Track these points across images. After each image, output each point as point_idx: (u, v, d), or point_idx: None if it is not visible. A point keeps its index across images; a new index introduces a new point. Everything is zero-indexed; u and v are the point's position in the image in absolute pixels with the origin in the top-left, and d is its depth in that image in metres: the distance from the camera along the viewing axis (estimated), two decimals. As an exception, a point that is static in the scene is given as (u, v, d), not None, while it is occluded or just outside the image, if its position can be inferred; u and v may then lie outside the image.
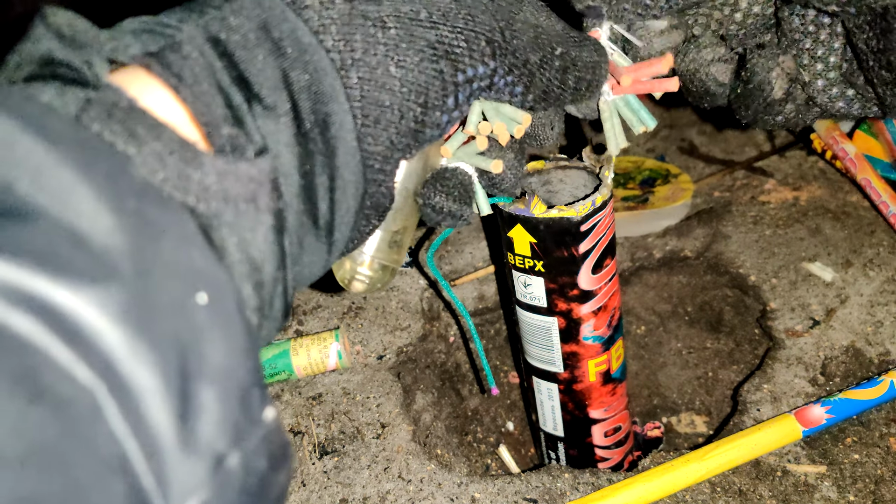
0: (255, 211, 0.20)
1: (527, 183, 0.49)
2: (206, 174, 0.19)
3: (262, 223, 0.20)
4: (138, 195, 0.17)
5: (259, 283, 0.21)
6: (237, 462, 0.17)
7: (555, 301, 0.47)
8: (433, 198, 0.30)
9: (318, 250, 0.24)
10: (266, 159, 0.21)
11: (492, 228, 0.73)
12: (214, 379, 0.17)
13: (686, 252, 0.70)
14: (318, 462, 0.53)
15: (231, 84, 0.21)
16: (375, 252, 0.30)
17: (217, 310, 0.17)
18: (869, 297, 0.61)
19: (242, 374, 0.18)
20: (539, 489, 0.50)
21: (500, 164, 0.31)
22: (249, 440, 0.18)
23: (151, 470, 0.15)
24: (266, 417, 0.18)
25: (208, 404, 0.17)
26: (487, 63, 0.26)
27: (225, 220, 0.19)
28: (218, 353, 0.17)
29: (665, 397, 0.70)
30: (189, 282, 0.17)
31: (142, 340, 0.15)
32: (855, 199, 0.72)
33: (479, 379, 0.68)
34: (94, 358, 0.15)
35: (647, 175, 0.76)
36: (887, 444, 0.50)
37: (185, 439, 0.16)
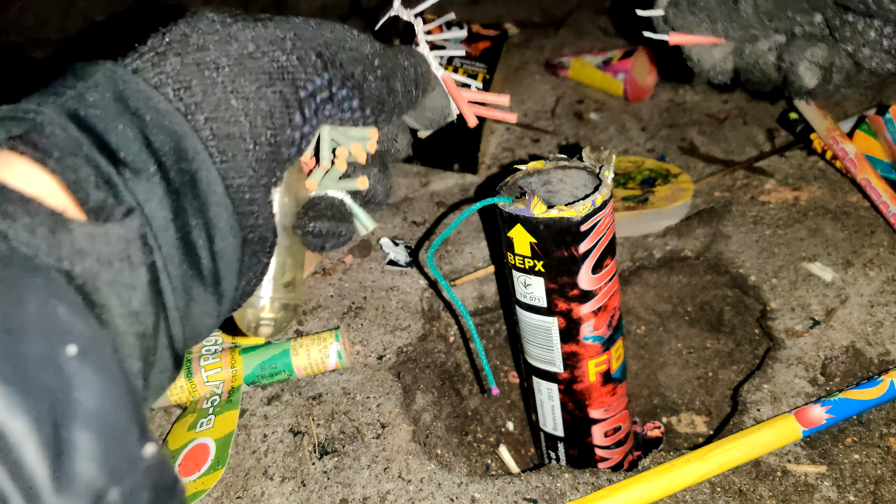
0: (129, 267, 0.22)
1: (527, 183, 0.49)
2: (77, 238, 0.21)
3: (139, 277, 0.22)
4: (4, 264, 0.19)
5: (142, 333, 0.22)
6: (117, 497, 0.18)
7: (555, 301, 0.47)
8: (309, 225, 0.31)
9: (207, 300, 0.26)
10: (134, 218, 0.22)
11: (492, 228, 0.73)
12: (88, 422, 0.18)
13: (686, 252, 0.70)
14: (318, 462, 0.53)
15: (97, 153, 0.23)
16: (273, 294, 0.31)
17: (87, 359, 0.19)
18: (869, 298, 0.61)
19: (117, 415, 0.19)
20: (539, 489, 0.50)
21: (366, 180, 0.33)
22: (129, 476, 0.19)
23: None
24: (145, 454, 0.20)
25: (82, 445, 0.18)
26: (322, 75, 0.28)
27: (102, 278, 0.21)
28: (89, 399, 0.18)
29: (665, 397, 0.70)
30: (56, 335, 0.18)
31: (12, 392, 0.17)
32: (855, 199, 0.72)
33: (479, 379, 0.68)
34: None
35: (647, 175, 0.76)
36: (887, 444, 0.50)
37: (61, 480, 0.17)
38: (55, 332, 0.19)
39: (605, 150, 0.48)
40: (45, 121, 0.23)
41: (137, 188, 0.23)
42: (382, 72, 0.31)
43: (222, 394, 0.58)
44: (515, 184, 0.49)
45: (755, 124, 0.85)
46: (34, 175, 0.22)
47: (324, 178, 0.32)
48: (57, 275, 0.20)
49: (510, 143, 0.87)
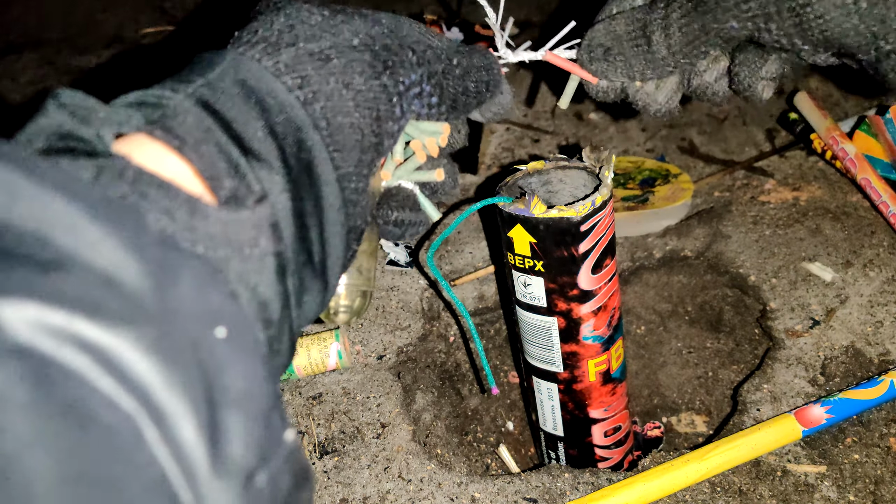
0: (259, 255, 0.22)
1: (527, 183, 0.49)
2: (212, 224, 0.21)
3: (267, 265, 0.23)
4: (157, 245, 0.19)
5: (268, 321, 0.23)
6: (265, 480, 0.19)
7: (555, 301, 0.47)
8: (390, 214, 0.32)
9: (316, 288, 0.26)
10: (265, 206, 0.23)
11: (492, 228, 0.73)
12: (239, 404, 0.19)
13: (686, 252, 0.70)
14: (319, 462, 0.53)
15: (228, 141, 0.23)
16: (349, 281, 0.32)
17: (235, 342, 0.19)
18: (869, 298, 0.61)
19: (263, 399, 0.19)
20: (539, 489, 0.50)
21: (443, 172, 0.34)
22: (274, 459, 0.19)
23: (190, 489, 0.17)
24: (287, 438, 0.20)
25: (235, 427, 0.18)
26: (416, 70, 0.30)
27: (232, 264, 0.22)
28: (239, 381, 0.19)
29: (665, 397, 0.70)
30: (208, 318, 0.19)
31: (171, 371, 0.17)
32: (855, 199, 0.72)
33: (479, 379, 0.68)
34: (133, 388, 0.16)
35: (647, 175, 0.76)
36: (887, 444, 0.50)
37: (216, 460, 0.17)
38: (207, 315, 0.19)
39: (605, 150, 0.48)
40: (178, 107, 0.23)
41: (263, 177, 0.24)
42: (460, 70, 0.32)
43: (222, 394, 0.58)
44: (515, 184, 0.49)
45: (755, 124, 0.85)
46: (170, 160, 0.22)
47: (398, 170, 0.33)
48: (195, 258, 0.20)
49: (510, 143, 0.87)
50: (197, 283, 0.19)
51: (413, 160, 0.33)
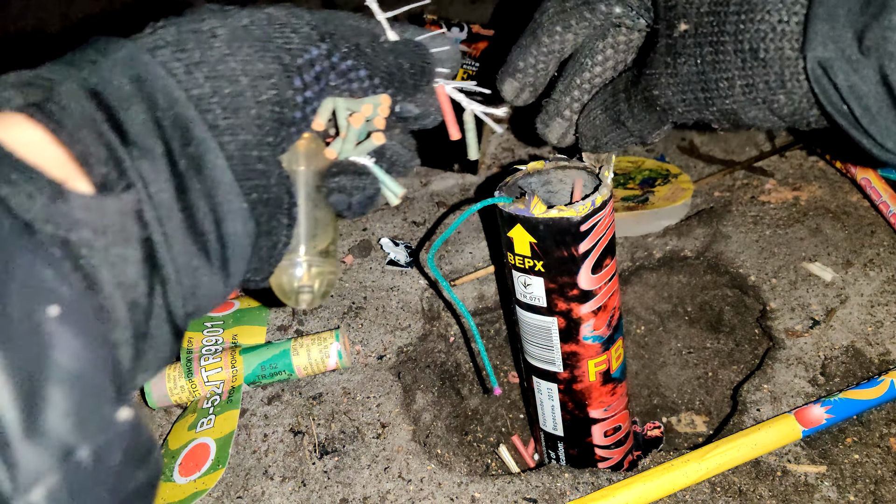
0: (123, 240, 0.23)
1: (527, 183, 0.49)
2: (74, 209, 0.22)
3: (131, 251, 0.23)
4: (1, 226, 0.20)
5: (134, 303, 0.23)
6: (87, 454, 0.19)
7: (555, 301, 0.47)
8: (332, 181, 0.33)
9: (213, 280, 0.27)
10: (132, 193, 0.24)
11: (492, 228, 0.73)
12: (62, 380, 0.19)
13: (686, 252, 0.70)
14: (319, 462, 0.53)
15: (109, 130, 0.24)
16: (308, 259, 0.32)
17: (68, 321, 0.20)
18: (869, 297, 0.61)
19: (94, 377, 0.20)
20: (539, 489, 0.50)
21: (381, 136, 0.34)
22: (100, 436, 0.20)
23: (1, 456, 0.18)
24: (119, 416, 0.21)
25: (55, 401, 0.19)
26: (318, 45, 0.30)
27: (95, 247, 0.22)
28: (66, 358, 0.19)
29: (665, 397, 0.70)
30: (39, 296, 0.20)
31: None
32: (855, 199, 0.72)
33: (480, 378, 0.68)
34: None
35: (647, 175, 0.76)
36: (887, 444, 0.50)
37: (31, 431, 0.18)
38: (39, 294, 0.20)
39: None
40: (63, 92, 0.24)
41: (143, 167, 0.24)
42: (392, 48, 0.33)
43: (223, 393, 0.58)
44: (515, 184, 0.49)
45: (755, 124, 0.85)
46: (44, 143, 0.23)
47: (343, 145, 0.34)
48: (50, 241, 0.21)
49: (510, 142, 0.87)
50: (32, 264, 0.20)
51: (352, 131, 0.33)
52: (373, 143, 0.34)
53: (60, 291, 0.20)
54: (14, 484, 0.18)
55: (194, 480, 0.52)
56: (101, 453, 0.20)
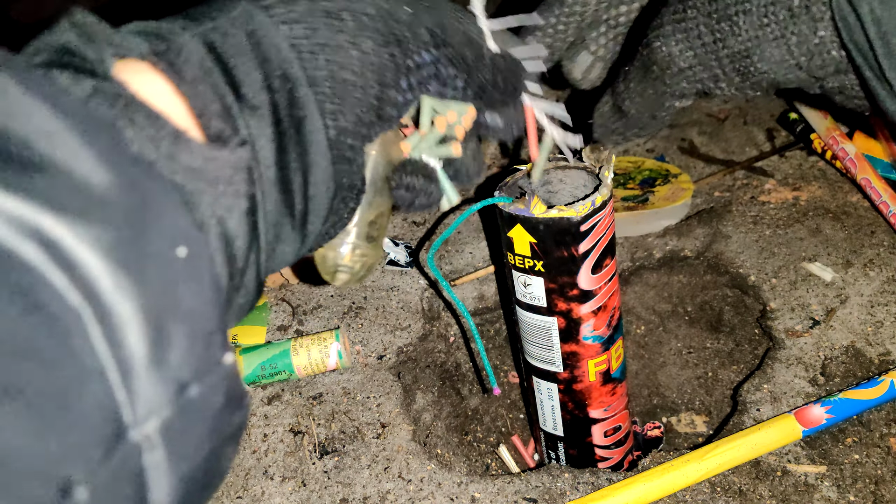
0: (233, 193, 0.24)
1: (527, 183, 0.49)
2: (193, 158, 0.22)
3: (238, 204, 0.24)
4: (133, 164, 0.20)
5: (231, 256, 0.24)
6: (197, 393, 0.20)
7: (555, 301, 0.47)
8: (404, 178, 0.33)
9: (292, 238, 0.28)
10: (246, 149, 0.24)
11: (492, 228, 0.73)
12: (185, 319, 0.20)
13: (686, 252, 0.70)
14: (319, 462, 0.53)
15: (224, 86, 0.25)
16: (355, 242, 0.33)
17: (193, 264, 0.21)
18: (869, 298, 0.61)
19: (208, 320, 0.21)
20: (539, 489, 0.50)
21: (459, 147, 0.34)
22: (209, 377, 0.21)
23: (124, 385, 0.18)
24: (226, 361, 0.22)
25: (177, 339, 0.19)
26: (431, 51, 0.31)
27: (206, 198, 0.23)
28: (189, 299, 0.20)
29: (665, 397, 0.70)
30: (171, 236, 0.20)
31: (125, 276, 0.18)
32: (855, 199, 0.72)
33: (480, 378, 0.68)
34: (83, 285, 0.18)
35: (647, 175, 0.76)
36: (887, 444, 0.50)
37: (154, 365, 0.19)
38: (171, 233, 0.20)
39: (604, 150, 0.48)
40: (184, 45, 0.25)
41: (252, 125, 0.25)
42: (491, 63, 0.33)
43: (222, 394, 0.58)
44: (515, 184, 0.49)
45: (755, 124, 0.85)
46: (165, 92, 0.24)
47: (420, 143, 0.34)
48: (171, 185, 0.22)
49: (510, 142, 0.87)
50: (166, 205, 0.21)
51: (434, 133, 0.33)
52: (450, 151, 0.34)
53: (189, 234, 0.21)
54: (134, 413, 0.18)
55: (194, 480, 0.52)
56: (208, 393, 0.21)
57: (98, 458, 0.17)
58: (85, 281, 0.18)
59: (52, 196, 0.18)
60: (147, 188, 0.20)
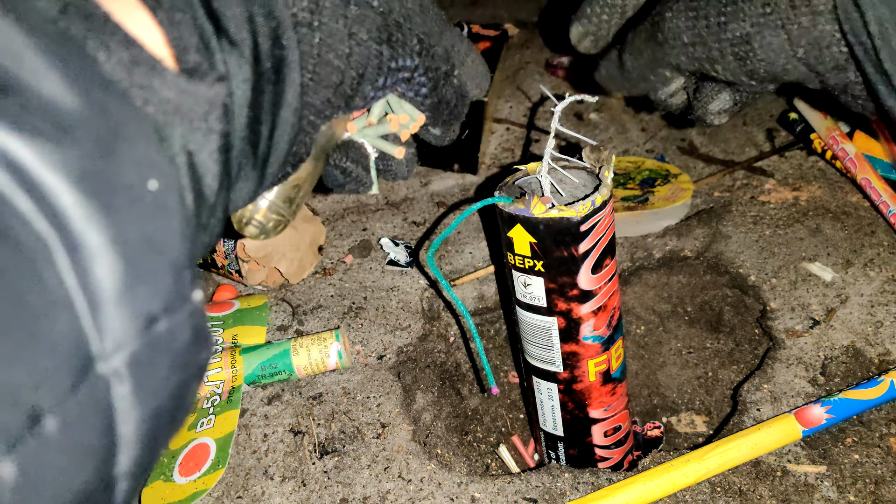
0: (206, 129, 0.23)
1: (527, 183, 0.49)
2: (167, 89, 0.21)
3: (210, 141, 0.23)
4: (105, 89, 0.19)
5: (200, 193, 0.23)
6: (166, 327, 0.20)
7: (555, 301, 0.47)
8: (345, 161, 0.34)
9: (251, 179, 0.27)
10: (223, 86, 0.23)
11: (492, 228, 0.73)
12: (154, 253, 0.19)
13: (686, 252, 0.70)
14: (319, 462, 0.53)
15: (204, 17, 0.24)
16: (272, 202, 0.32)
17: (164, 196, 0.20)
18: (869, 297, 0.61)
19: (178, 254, 0.20)
20: (539, 489, 0.50)
21: (403, 151, 0.35)
22: (178, 312, 0.20)
23: (92, 317, 0.18)
24: (194, 297, 0.21)
25: (147, 273, 0.19)
26: (414, 58, 0.31)
27: (178, 131, 0.22)
28: (160, 232, 0.20)
29: (665, 397, 0.70)
30: (142, 168, 0.20)
31: (94, 205, 0.18)
32: (855, 199, 0.72)
33: (479, 378, 0.68)
34: (51, 213, 0.17)
35: (647, 175, 0.76)
36: (887, 444, 0.50)
37: (123, 298, 0.18)
38: (142, 164, 0.19)
39: (605, 150, 0.48)
40: None
41: (230, 61, 0.24)
42: (458, 82, 0.34)
43: (222, 393, 0.58)
44: (515, 184, 0.49)
45: (755, 124, 0.85)
46: (142, 20, 0.22)
47: (366, 129, 0.35)
48: (144, 116, 0.21)
49: (510, 143, 0.87)
50: (138, 135, 0.20)
51: (384, 127, 0.34)
52: (393, 150, 0.35)
53: (159, 166, 0.20)
54: (102, 345, 0.18)
55: (194, 480, 0.52)
56: (176, 328, 0.20)
57: (66, 388, 0.17)
58: (53, 209, 0.17)
59: (17, 117, 0.17)
60: (119, 116, 0.19)
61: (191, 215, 0.23)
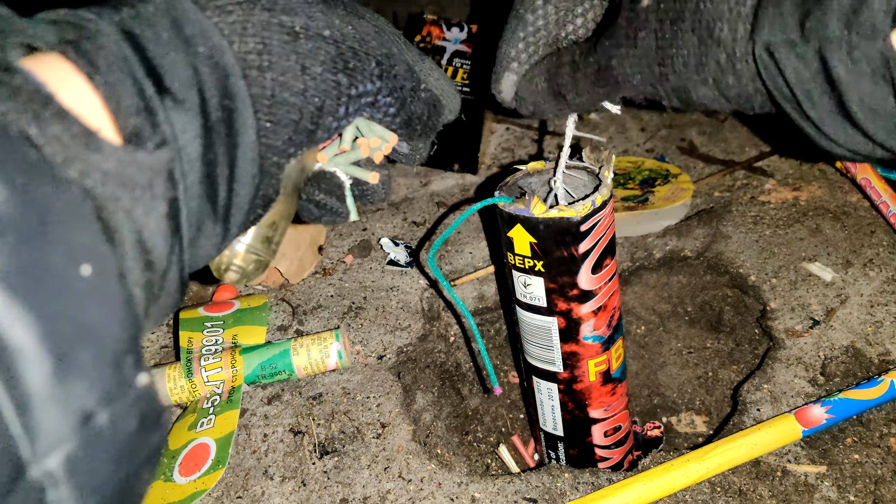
0: (150, 198, 0.22)
1: (527, 183, 0.49)
2: (106, 160, 0.20)
3: (156, 209, 0.22)
4: (32, 172, 0.18)
5: (149, 263, 0.22)
6: (106, 420, 0.19)
7: (555, 301, 0.47)
8: (317, 194, 0.33)
9: (214, 234, 0.26)
10: (165, 151, 0.22)
11: (492, 228, 0.73)
12: (90, 343, 0.18)
13: (686, 252, 0.70)
14: (319, 462, 0.53)
15: (144, 76, 0.23)
16: (250, 245, 0.32)
17: (99, 281, 0.19)
18: (869, 297, 0.61)
19: (117, 340, 0.19)
20: (539, 489, 0.50)
21: (377, 176, 0.35)
22: (120, 401, 0.19)
23: (21, 420, 0.17)
24: (139, 382, 0.20)
25: (81, 366, 0.18)
26: (375, 82, 0.30)
27: (121, 204, 0.21)
28: (95, 320, 0.19)
29: (665, 397, 0.70)
30: (73, 254, 0.19)
31: (20, 303, 0.17)
32: (855, 199, 0.72)
33: (480, 378, 0.68)
34: None
35: (647, 175, 0.76)
36: (887, 444, 0.50)
37: (55, 396, 0.17)
38: (73, 250, 0.19)
39: (605, 150, 0.48)
40: (100, 32, 0.22)
41: (176, 118, 0.23)
42: (426, 100, 0.34)
43: (223, 394, 0.58)
44: (515, 184, 0.49)
45: (755, 124, 0.85)
46: (78, 86, 0.21)
47: (336, 158, 0.34)
48: (80, 193, 0.20)
49: (510, 143, 0.87)
50: (69, 217, 0.19)
51: (354, 153, 0.34)
52: (367, 176, 0.34)
53: (92, 249, 0.19)
54: (33, 449, 0.17)
55: (194, 480, 0.52)
56: (119, 419, 0.19)
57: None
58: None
59: None
60: (48, 199, 0.18)
61: (135, 293, 0.22)
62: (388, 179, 0.36)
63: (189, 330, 0.61)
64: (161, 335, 0.66)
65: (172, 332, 0.66)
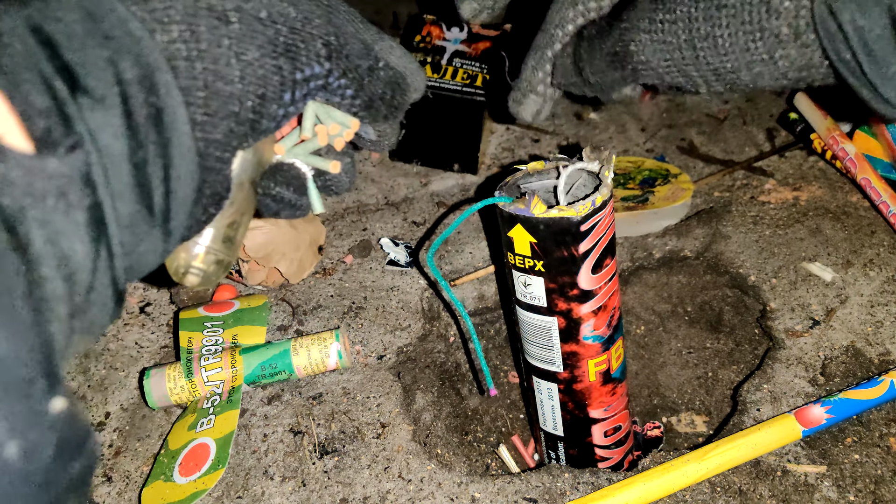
0: (64, 206, 0.20)
1: (527, 183, 0.49)
2: (10, 169, 0.19)
3: (74, 218, 0.21)
4: None
5: (69, 275, 0.21)
6: (16, 451, 0.18)
7: (555, 301, 0.47)
8: (273, 188, 0.31)
9: (153, 237, 0.24)
10: (78, 154, 0.21)
11: (492, 228, 0.73)
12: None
13: (686, 252, 0.70)
14: (319, 462, 0.53)
15: (54, 74, 0.21)
16: (210, 245, 0.30)
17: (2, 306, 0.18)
18: (869, 297, 0.61)
19: (23, 367, 0.18)
20: (539, 489, 0.50)
21: (338, 164, 0.33)
22: (31, 430, 0.18)
23: None
24: (52, 409, 0.19)
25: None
26: (323, 64, 0.28)
27: (32, 214, 0.19)
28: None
29: (665, 397, 0.70)
30: None
31: None
32: (855, 199, 0.72)
33: (478, 379, 0.68)
34: None
35: (647, 175, 0.76)
36: (887, 444, 0.50)
37: None
38: None
39: (605, 150, 0.48)
40: (2, 30, 0.21)
41: (94, 118, 0.21)
42: (386, 75, 0.31)
43: (222, 394, 0.58)
44: (515, 184, 0.49)
45: (755, 124, 0.85)
46: None
47: (296, 148, 0.32)
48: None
49: (510, 143, 0.87)
50: None
51: (313, 142, 0.32)
52: (327, 166, 0.33)
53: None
54: None
55: (194, 480, 0.52)
56: (31, 449, 0.18)
57: None
58: None
59: None
60: None
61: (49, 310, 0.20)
62: (352, 168, 0.34)
63: (189, 330, 0.61)
64: (161, 335, 0.66)
65: (172, 332, 0.66)
